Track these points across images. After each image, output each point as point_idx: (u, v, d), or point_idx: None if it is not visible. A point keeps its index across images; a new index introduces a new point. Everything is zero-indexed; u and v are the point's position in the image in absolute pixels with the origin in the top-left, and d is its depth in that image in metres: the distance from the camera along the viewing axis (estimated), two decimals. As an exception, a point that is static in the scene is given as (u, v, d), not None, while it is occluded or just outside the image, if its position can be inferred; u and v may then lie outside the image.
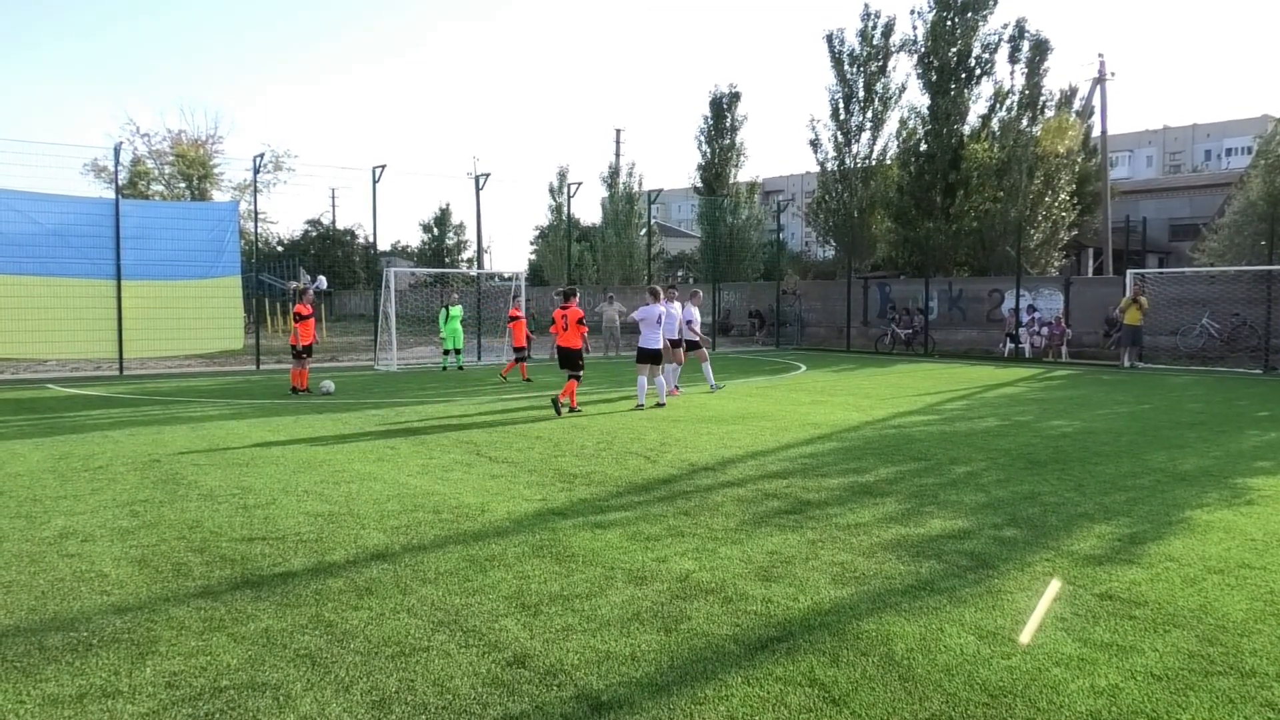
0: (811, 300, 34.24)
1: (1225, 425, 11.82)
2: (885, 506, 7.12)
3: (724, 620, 4.64)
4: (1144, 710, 3.66)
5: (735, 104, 43.51)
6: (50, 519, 6.75)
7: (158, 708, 3.69)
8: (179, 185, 36.92)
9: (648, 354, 13.90)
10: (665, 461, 9.13)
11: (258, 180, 26.31)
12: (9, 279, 18.56)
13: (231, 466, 8.85)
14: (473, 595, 5.03)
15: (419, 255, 70.46)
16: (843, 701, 3.73)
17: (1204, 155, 71.10)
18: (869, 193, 34.35)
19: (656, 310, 14.12)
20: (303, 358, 15.80)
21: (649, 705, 3.70)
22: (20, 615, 4.73)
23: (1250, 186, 26.45)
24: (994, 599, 4.94)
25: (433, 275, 52.62)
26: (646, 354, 13.90)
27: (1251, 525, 6.54)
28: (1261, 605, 4.87)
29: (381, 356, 22.66)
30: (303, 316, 15.96)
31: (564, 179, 49.88)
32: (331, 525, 6.57)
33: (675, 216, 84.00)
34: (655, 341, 13.94)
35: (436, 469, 8.74)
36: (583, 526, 6.51)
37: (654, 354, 13.91)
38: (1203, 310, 23.58)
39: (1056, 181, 30.56)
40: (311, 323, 16.09)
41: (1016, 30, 30.72)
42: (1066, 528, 6.46)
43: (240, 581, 5.27)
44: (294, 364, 15.96)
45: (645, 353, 13.92)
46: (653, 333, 13.94)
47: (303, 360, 15.81)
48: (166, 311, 20.34)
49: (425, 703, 3.73)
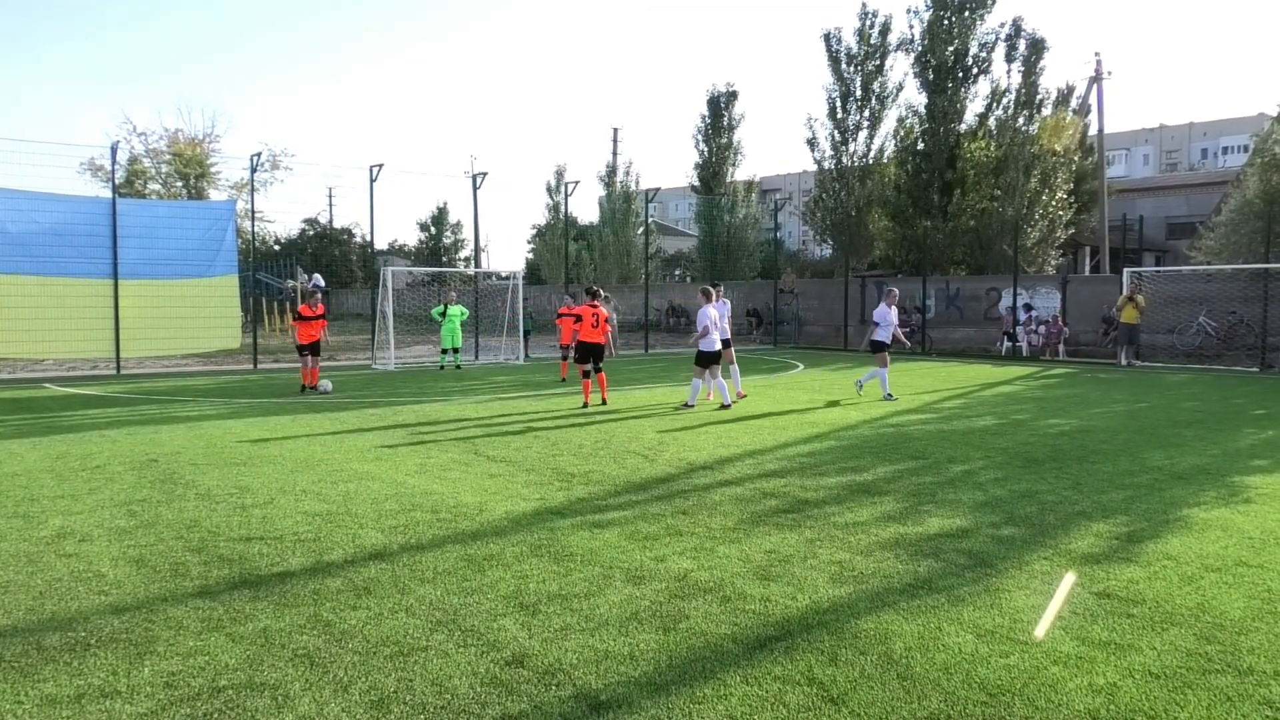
0: (809, 299, 34.25)
1: (1222, 423, 11.84)
2: (883, 505, 7.13)
3: (722, 619, 4.64)
4: (1142, 708, 3.67)
5: (733, 103, 43.54)
6: (47, 519, 6.74)
7: (156, 708, 3.68)
8: (176, 184, 36.86)
9: (709, 356, 13.65)
10: (663, 460, 9.12)
11: (255, 179, 26.28)
12: (6, 278, 18.51)
13: (229, 466, 8.84)
14: (471, 595, 5.02)
15: (416, 254, 70.43)
16: (841, 700, 3.74)
17: (1200, 154, 71.17)
18: (866, 191, 34.38)
19: (711, 311, 13.81)
20: (306, 356, 15.93)
21: (647, 704, 3.70)
22: (18, 615, 4.72)
23: (1247, 185, 26.50)
24: (992, 598, 4.95)
25: (430, 274, 52.59)
26: (708, 356, 13.64)
27: (1249, 523, 6.55)
28: (1259, 603, 4.88)
29: (379, 356, 22.64)
30: (303, 318, 16.12)
31: (561, 178, 49.96)
32: (329, 525, 6.56)
33: (673, 215, 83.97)
34: (715, 344, 13.71)
35: (434, 468, 8.73)
36: (581, 526, 6.51)
37: (715, 356, 13.72)
38: (1199, 308, 23.60)
39: (1053, 180, 30.60)
40: (314, 324, 16.06)
41: (1013, 29, 30.78)
42: (1064, 526, 6.47)
43: (238, 581, 5.27)
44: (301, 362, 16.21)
45: (706, 355, 13.63)
46: (714, 334, 13.69)
47: (307, 359, 15.93)
48: (163, 311, 20.30)
49: (424, 702, 3.73)
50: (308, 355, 15.95)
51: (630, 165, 59.91)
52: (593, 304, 14.24)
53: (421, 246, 71.48)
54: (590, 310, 14.16)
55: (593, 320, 14.07)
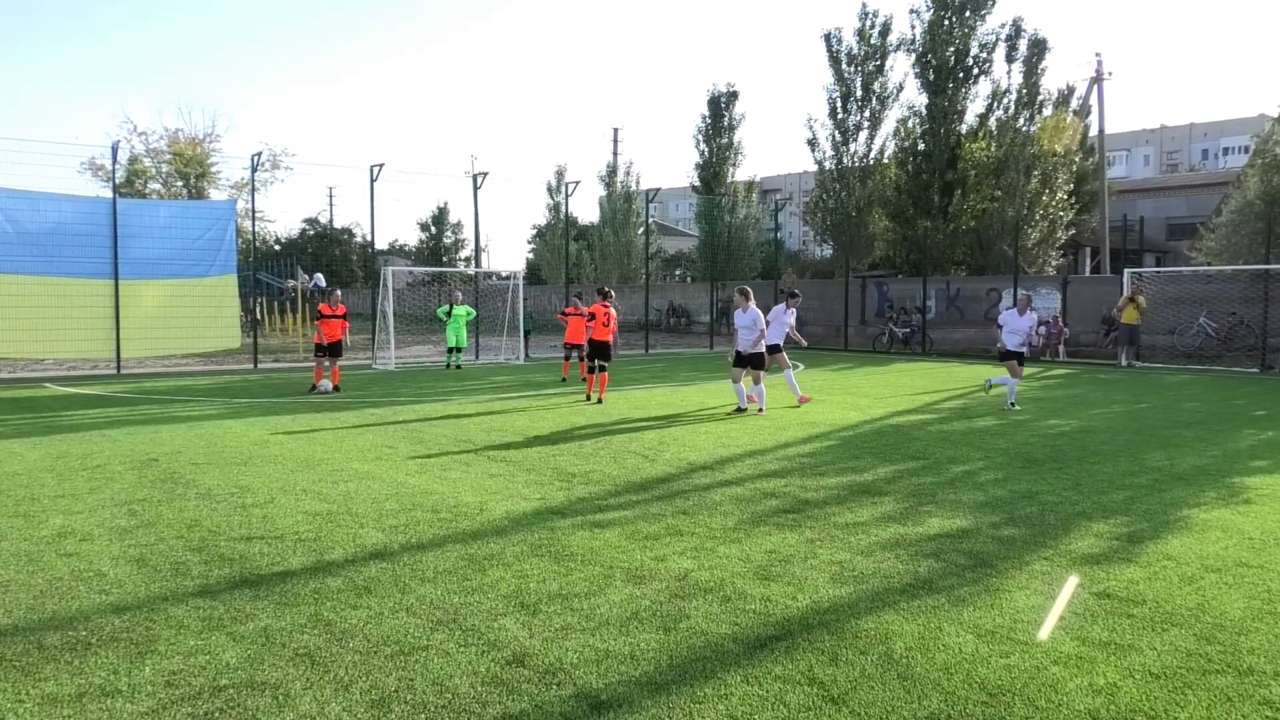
0: (809, 299, 34.22)
1: (1222, 424, 11.84)
2: (883, 506, 7.13)
3: (723, 619, 4.64)
4: (1142, 708, 3.67)
5: (733, 103, 43.52)
6: (48, 518, 6.74)
7: (157, 707, 3.69)
8: (176, 184, 36.87)
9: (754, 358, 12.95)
10: (663, 460, 9.13)
11: (255, 179, 26.28)
12: (6, 278, 18.51)
13: (229, 465, 8.84)
14: (471, 594, 5.03)
15: (416, 254, 70.41)
16: (842, 700, 3.74)
17: (1201, 154, 71.17)
18: (867, 192, 34.36)
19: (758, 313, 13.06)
20: (322, 357, 15.80)
21: (648, 704, 3.70)
22: (19, 614, 4.72)
23: (1247, 186, 26.49)
24: (992, 598, 4.95)
25: (430, 274, 52.60)
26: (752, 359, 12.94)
27: (1249, 524, 6.56)
28: (1259, 604, 4.88)
29: (379, 355, 22.65)
30: (322, 316, 15.92)
31: (562, 178, 49.93)
32: (330, 524, 6.56)
33: (673, 215, 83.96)
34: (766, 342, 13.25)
35: (434, 468, 8.74)
36: (581, 525, 6.52)
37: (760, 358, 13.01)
38: (1200, 309, 23.60)
39: (1054, 181, 30.59)
40: (331, 323, 15.79)
41: (1014, 30, 30.77)
42: (1064, 527, 6.47)
43: (239, 580, 5.27)
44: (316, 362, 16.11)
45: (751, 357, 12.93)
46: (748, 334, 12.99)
47: (323, 360, 15.80)
48: (164, 310, 20.30)
49: (424, 701, 3.73)
50: (323, 356, 15.75)
51: (631, 165, 59.91)
52: (604, 303, 14.80)
53: (422, 246, 71.46)
54: (603, 309, 14.73)
55: (605, 319, 14.61)
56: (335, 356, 15.84)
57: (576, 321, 18.02)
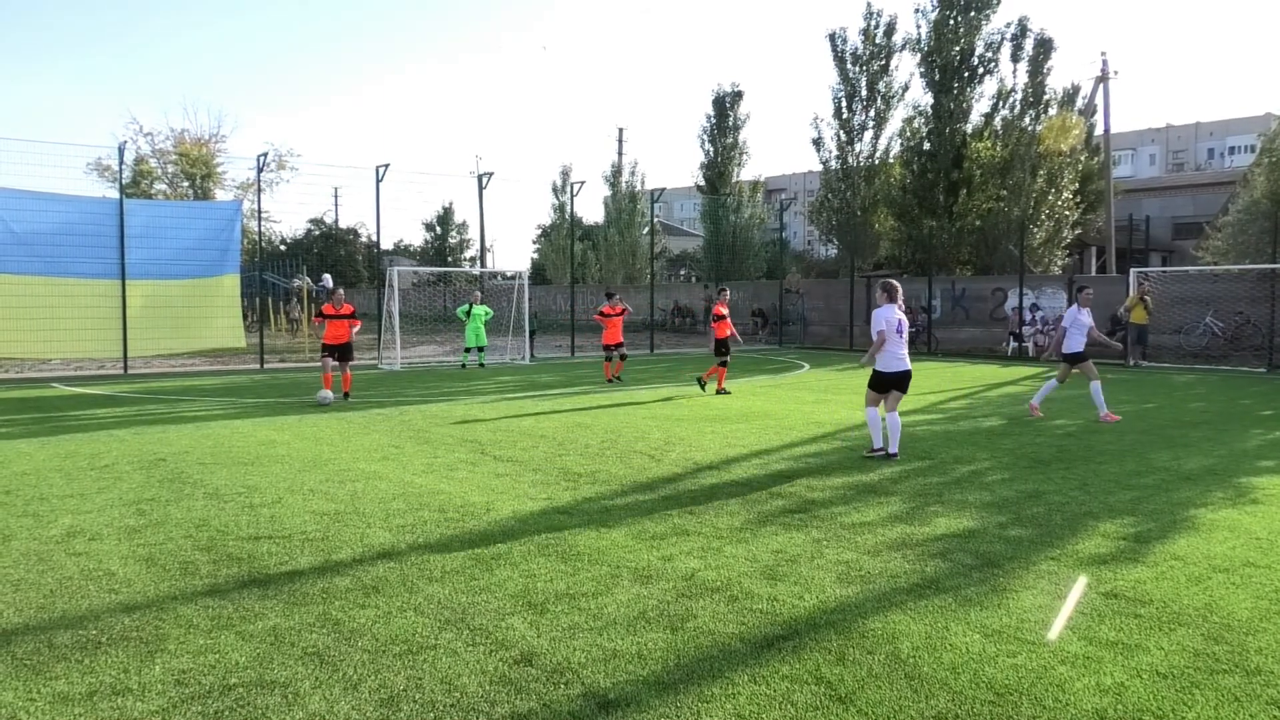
0: (814, 299, 34.22)
1: (1229, 424, 11.81)
2: (890, 505, 7.13)
3: (730, 619, 4.65)
4: (1150, 708, 3.67)
5: (738, 103, 43.53)
6: (57, 518, 6.77)
7: (167, 705, 3.71)
8: (182, 184, 36.98)
9: (888, 379, 9.19)
10: (670, 460, 9.13)
11: (261, 179, 26.33)
12: (13, 278, 18.59)
13: (237, 465, 8.87)
14: (479, 594, 5.04)
15: (422, 254, 70.51)
16: (849, 699, 3.74)
17: (1207, 154, 70.90)
18: (872, 191, 34.33)
19: (895, 313, 9.29)
20: (327, 358, 14.86)
21: (656, 703, 3.71)
22: (29, 613, 4.75)
23: (1254, 185, 26.42)
24: (1000, 598, 4.95)
25: (436, 274, 52.66)
26: (886, 379, 9.20)
27: (1256, 524, 6.54)
28: (1267, 604, 4.87)
29: (385, 356, 22.70)
30: (325, 315, 15.05)
31: (567, 178, 49.95)
32: (337, 524, 6.58)
33: (678, 215, 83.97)
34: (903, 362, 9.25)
35: (441, 468, 8.76)
36: (588, 525, 6.53)
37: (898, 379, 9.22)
38: (1206, 309, 23.54)
39: (1059, 180, 30.53)
40: (335, 323, 14.86)
41: (1019, 29, 30.72)
42: (1071, 527, 6.47)
43: (247, 580, 5.29)
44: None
45: (884, 378, 9.21)
46: (896, 347, 9.18)
47: (328, 361, 14.86)
48: (170, 310, 20.37)
49: (433, 701, 3.75)
50: (328, 357, 14.82)
51: (635, 165, 59.71)
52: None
53: (427, 246, 71.56)
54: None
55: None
56: (345, 359, 14.89)
57: (614, 322, 18.16)
